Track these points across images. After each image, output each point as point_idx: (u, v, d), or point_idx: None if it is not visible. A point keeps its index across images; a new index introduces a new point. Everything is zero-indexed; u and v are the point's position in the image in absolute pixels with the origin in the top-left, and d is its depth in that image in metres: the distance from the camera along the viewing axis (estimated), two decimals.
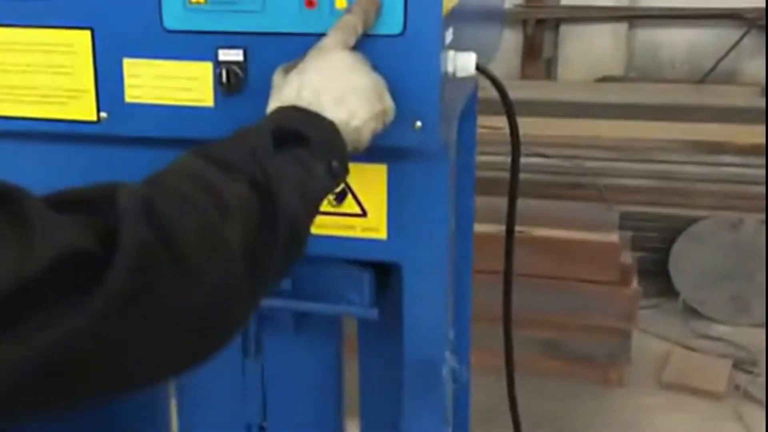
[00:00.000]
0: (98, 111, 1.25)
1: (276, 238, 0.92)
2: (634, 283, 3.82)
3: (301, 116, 1.06)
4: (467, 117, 1.68)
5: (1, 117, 1.26)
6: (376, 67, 1.16)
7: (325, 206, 1.32)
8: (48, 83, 1.24)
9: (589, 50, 6.90)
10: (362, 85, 1.10)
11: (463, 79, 1.24)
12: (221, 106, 1.22)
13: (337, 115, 1.08)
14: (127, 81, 1.24)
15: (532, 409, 3.67)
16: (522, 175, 5.09)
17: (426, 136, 1.20)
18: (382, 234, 1.32)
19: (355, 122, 1.09)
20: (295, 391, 1.73)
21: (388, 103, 1.14)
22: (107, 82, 1.24)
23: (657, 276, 4.46)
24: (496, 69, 1.37)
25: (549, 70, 7.26)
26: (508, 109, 1.32)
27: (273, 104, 1.10)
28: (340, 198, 1.31)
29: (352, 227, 1.32)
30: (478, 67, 1.23)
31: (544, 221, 3.98)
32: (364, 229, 1.32)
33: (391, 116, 1.15)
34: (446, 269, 1.32)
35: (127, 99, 1.24)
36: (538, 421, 3.60)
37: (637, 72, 6.86)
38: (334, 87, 1.09)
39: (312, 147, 1.02)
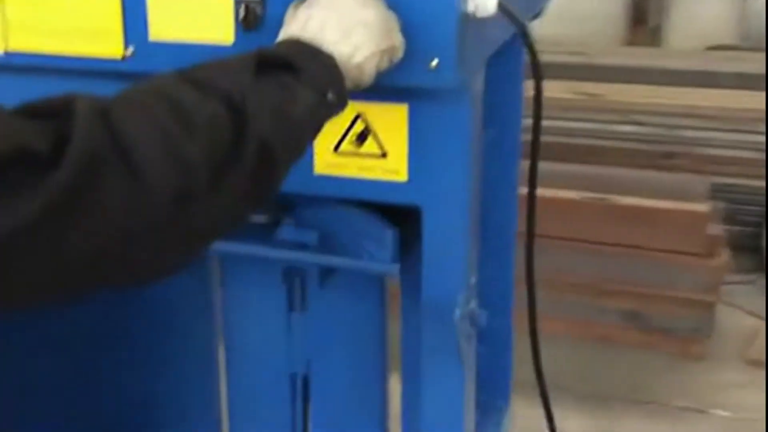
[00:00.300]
0: (125, 47, 1.28)
1: (244, 157, 0.93)
2: (722, 256, 3.70)
3: (298, 48, 1.06)
4: (510, 78, 1.65)
5: (28, 52, 1.30)
6: (390, 4, 1.15)
7: (345, 146, 1.32)
8: (75, 18, 1.28)
9: (698, 17, 6.66)
10: (370, 20, 1.10)
11: (487, 23, 1.22)
12: (240, 43, 1.23)
13: (340, 49, 1.08)
14: (151, 18, 1.26)
15: (609, 379, 3.61)
16: (614, 143, 5.03)
17: (442, 76, 1.19)
18: (403, 176, 1.31)
19: (358, 57, 1.09)
20: (338, 344, 1.75)
21: (397, 40, 1.13)
22: (133, 18, 1.26)
23: (753, 252, 4.31)
24: (601, 34, 1.33)
25: (655, 37, 7.05)
26: (534, 59, 1.29)
27: (280, 37, 1.11)
28: (361, 139, 1.31)
29: (372, 169, 1.31)
30: (501, 8, 1.21)
31: (631, 190, 3.89)
32: (384, 171, 1.31)
33: (399, 54, 1.15)
34: (466, 213, 1.30)
35: (151, 37, 1.27)
36: (614, 392, 3.54)
37: (753, 42, 6.57)
38: (341, 21, 1.09)
39: (302, 76, 1.02)
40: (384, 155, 1.31)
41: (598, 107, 5.03)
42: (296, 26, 1.10)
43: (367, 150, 1.31)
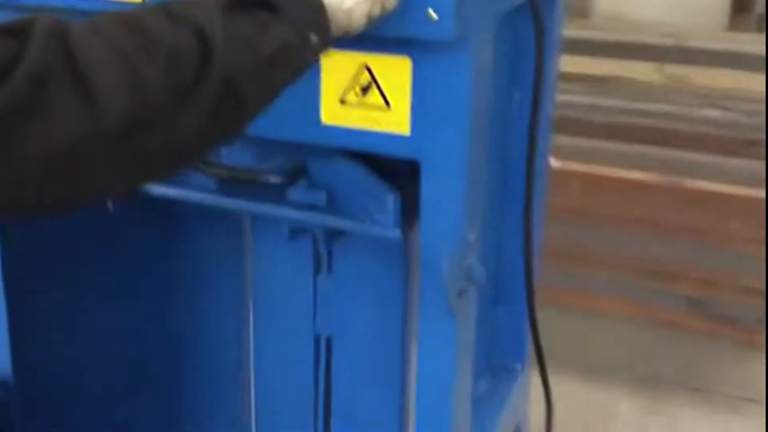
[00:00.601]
0: None
1: (206, 88, 0.95)
2: None
3: None
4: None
5: None
6: None
7: (351, 97, 1.35)
8: None
9: None
10: None
11: None
12: None
13: None
14: None
15: (667, 365, 3.56)
16: (697, 128, 4.90)
17: (440, 27, 1.20)
18: (405, 129, 1.32)
19: (348, 3, 1.12)
20: (360, 306, 1.79)
21: None
22: None
23: None
24: (703, 20, 1.32)
25: (760, 24, 6.81)
26: (537, 27, 1.28)
27: None
28: (366, 89, 1.33)
29: (376, 121, 1.34)
30: None
31: (705, 174, 3.81)
32: (388, 124, 1.33)
33: (391, 2, 1.17)
34: (464, 168, 1.31)
35: None
36: (675, 378, 3.49)
37: None
38: None
39: (281, 14, 1.04)
40: (388, 107, 1.33)
41: (683, 90, 4.92)
42: None
43: (372, 101, 1.33)
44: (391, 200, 1.43)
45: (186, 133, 0.96)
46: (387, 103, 1.32)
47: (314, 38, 1.08)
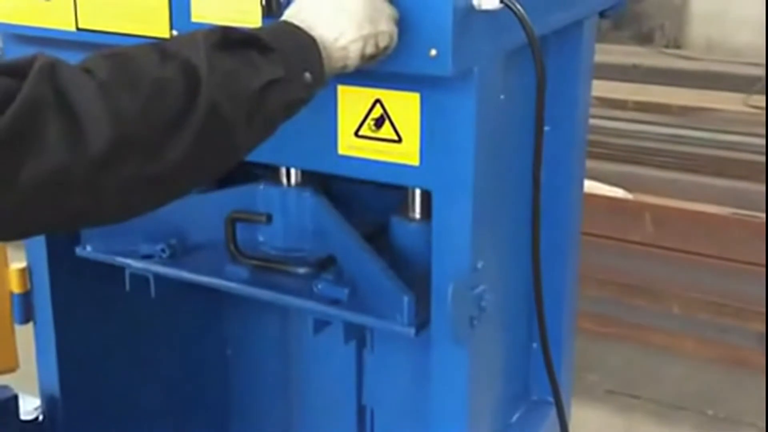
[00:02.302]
0: (171, 29, 1.42)
1: (191, 120, 1.02)
2: None
3: (280, 29, 1.17)
4: (561, 76, 1.66)
5: (89, 30, 1.47)
6: None
7: (365, 130, 1.40)
8: (131, 2, 1.43)
9: None
10: (354, 7, 1.20)
11: (499, 16, 1.27)
12: None
13: (327, 33, 1.18)
14: (193, 2, 1.39)
15: (739, 404, 3.47)
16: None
17: (440, 64, 1.25)
18: (415, 160, 1.37)
19: (343, 41, 1.19)
20: (401, 381, 1.87)
21: (382, 27, 1.21)
22: (179, 1, 1.40)
23: None
24: None
25: None
26: (535, 52, 1.31)
27: (281, 19, 1.21)
28: (379, 123, 1.38)
29: (388, 152, 1.39)
30: (503, 2, 1.25)
31: None
32: (399, 155, 1.38)
33: (386, 41, 1.22)
34: (471, 198, 1.35)
35: (194, 18, 1.40)
36: (740, 416, 3.40)
37: None
38: (329, 8, 1.19)
39: (271, 54, 1.11)
40: (399, 140, 1.38)
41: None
42: (293, 9, 1.22)
43: (384, 134, 1.39)
44: (405, 301, 1.49)
45: (172, 162, 1.02)
46: (398, 135, 1.37)
47: (307, 76, 1.14)
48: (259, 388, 2.16)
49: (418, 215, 1.63)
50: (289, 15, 1.21)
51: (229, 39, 1.10)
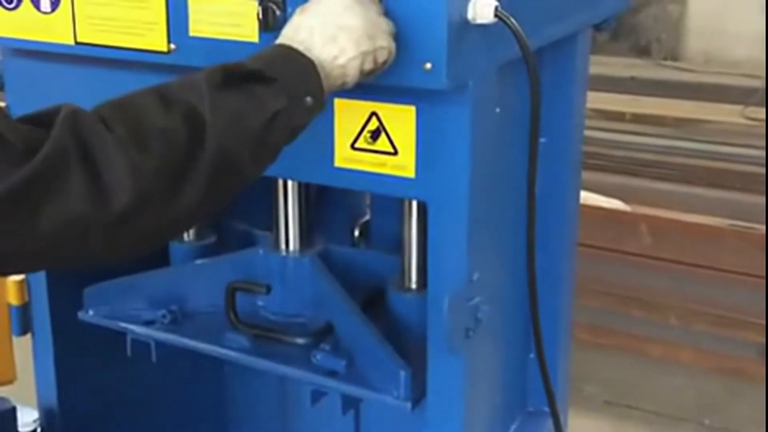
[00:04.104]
0: (168, 42, 1.43)
1: (200, 166, 1.06)
2: None
3: (278, 55, 1.19)
4: (556, 88, 1.68)
5: (87, 43, 1.48)
6: (386, 11, 1.24)
7: (361, 143, 1.41)
8: (130, 16, 1.44)
9: None
10: (353, 25, 1.21)
11: (492, 29, 1.29)
12: (264, 42, 1.35)
13: (326, 52, 1.20)
14: (191, 16, 1.40)
15: (734, 414, 3.47)
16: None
17: (435, 78, 1.27)
18: (411, 173, 1.38)
19: (342, 59, 1.21)
20: None
21: (380, 43, 1.23)
22: (177, 16, 1.41)
23: None
24: None
25: None
26: (529, 65, 1.32)
27: (278, 40, 1.23)
28: (375, 136, 1.40)
29: (384, 164, 1.40)
30: (497, 15, 1.26)
31: None
32: (394, 167, 1.39)
33: (385, 56, 1.24)
34: (466, 210, 1.36)
35: (191, 33, 1.41)
36: (738, 426, 3.41)
37: None
38: (326, 27, 1.21)
39: (274, 85, 1.14)
40: (395, 152, 1.39)
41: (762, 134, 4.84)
42: (290, 30, 1.24)
43: (380, 147, 1.40)
44: (402, 375, 1.52)
45: (185, 208, 1.07)
46: (394, 147, 1.39)
47: (309, 100, 1.17)
48: None
49: (414, 285, 1.67)
50: (286, 36, 1.23)
51: (230, 77, 1.13)
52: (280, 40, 1.23)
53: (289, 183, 1.77)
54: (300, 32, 1.21)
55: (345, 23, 1.21)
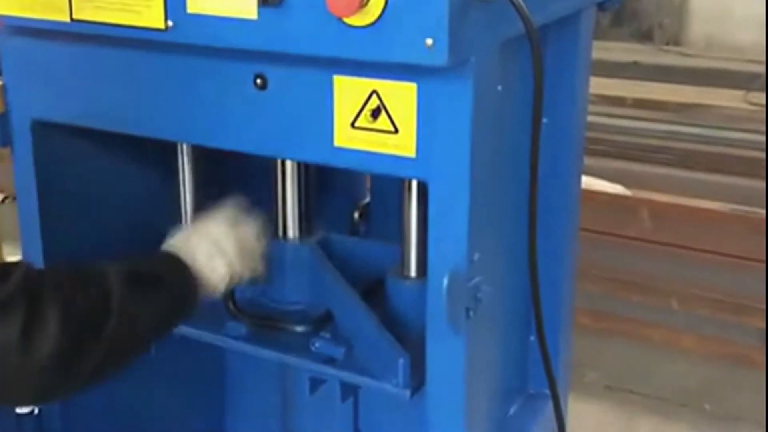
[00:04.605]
0: (166, 19, 1.41)
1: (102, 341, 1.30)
2: None
3: (174, 265, 1.50)
4: (559, 69, 1.66)
5: (83, 20, 1.46)
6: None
7: (361, 121, 1.40)
8: None
9: None
10: (228, 249, 1.58)
11: (495, 6, 1.27)
12: (263, 18, 1.33)
13: (206, 266, 1.53)
14: None
15: (735, 400, 3.47)
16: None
17: (437, 55, 1.24)
18: (411, 152, 1.36)
19: (216, 275, 1.55)
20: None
21: (251, 263, 1.62)
22: None
23: None
24: None
25: None
26: (532, 42, 1.30)
27: (170, 241, 1.57)
28: (375, 114, 1.38)
29: (384, 143, 1.38)
30: None
31: None
32: (394, 146, 1.37)
33: (258, 270, 1.64)
34: (467, 189, 1.34)
35: (189, 9, 1.39)
36: (739, 412, 3.40)
37: None
38: (209, 247, 1.56)
39: (166, 289, 1.45)
40: (396, 131, 1.37)
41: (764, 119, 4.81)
42: (182, 241, 1.55)
43: (381, 126, 1.38)
44: (401, 363, 1.52)
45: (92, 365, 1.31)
46: (395, 126, 1.36)
47: (188, 303, 1.49)
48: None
49: (414, 273, 1.66)
50: (180, 242, 1.54)
51: (139, 276, 1.40)
52: (174, 242, 1.55)
53: (288, 168, 1.76)
54: (189, 244, 1.53)
55: (223, 247, 1.55)
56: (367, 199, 2.07)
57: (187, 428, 2.16)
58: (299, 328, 1.69)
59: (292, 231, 1.78)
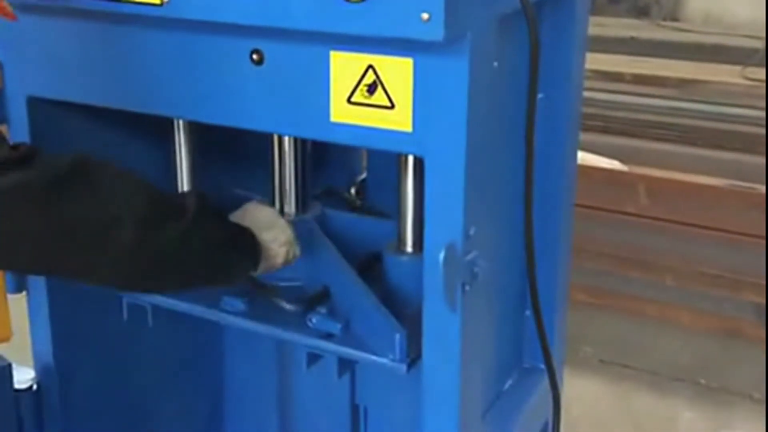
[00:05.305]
0: None
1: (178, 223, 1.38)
2: None
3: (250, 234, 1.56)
4: (555, 44, 1.66)
5: None
6: None
7: (357, 97, 1.40)
8: None
9: None
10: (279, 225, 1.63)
11: None
12: None
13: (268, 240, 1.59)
14: None
15: (735, 375, 3.49)
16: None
17: (433, 29, 1.24)
18: (408, 127, 1.36)
19: (275, 246, 1.60)
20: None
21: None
22: None
23: None
24: None
25: None
26: (528, 16, 1.30)
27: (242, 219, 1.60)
28: (372, 89, 1.38)
29: (381, 118, 1.38)
30: None
31: None
32: (391, 122, 1.37)
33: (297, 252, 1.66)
34: (463, 164, 1.34)
35: None
36: (739, 388, 3.42)
37: None
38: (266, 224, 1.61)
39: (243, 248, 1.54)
40: (392, 106, 1.37)
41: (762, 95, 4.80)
42: (239, 215, 1.61)
43: (377, 101, 1.38)
44: (397, 338, 1.53)
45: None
46: (391, 101, 1.37)
47: (253, 262, 1.55)
48: (255, 414, 2.24)
49: (410, 248, 1.66)
50: (247, 222, 1.58)
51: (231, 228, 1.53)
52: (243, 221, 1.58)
53: (285, 143, 1.77)
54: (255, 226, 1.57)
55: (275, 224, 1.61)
56: (364, 175, 2.07)
57: (184, 403, 2.17)
58: (296, 305, 1.70)
59: (288, 207, 1.79)
